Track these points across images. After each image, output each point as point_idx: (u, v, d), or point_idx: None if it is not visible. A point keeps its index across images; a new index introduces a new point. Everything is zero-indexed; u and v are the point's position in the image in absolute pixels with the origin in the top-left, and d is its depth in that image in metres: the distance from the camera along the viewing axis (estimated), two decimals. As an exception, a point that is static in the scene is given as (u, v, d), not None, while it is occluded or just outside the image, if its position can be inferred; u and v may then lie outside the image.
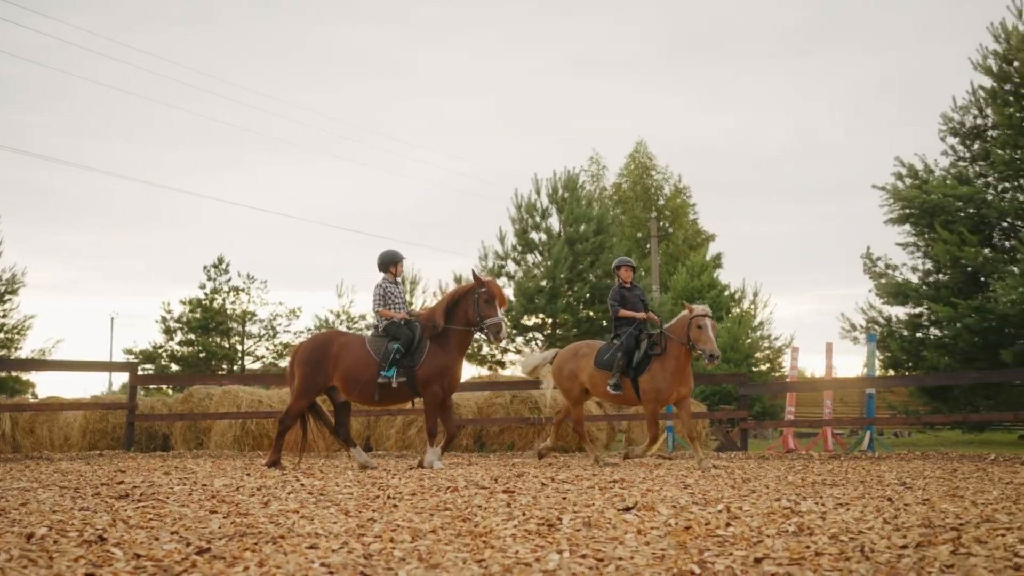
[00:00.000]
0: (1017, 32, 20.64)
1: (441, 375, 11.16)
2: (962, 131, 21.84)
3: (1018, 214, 20.47)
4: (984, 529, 5.17)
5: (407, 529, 5.47)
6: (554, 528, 5.46)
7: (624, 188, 49.30)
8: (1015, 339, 19.58)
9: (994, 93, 21.06)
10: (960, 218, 20.47)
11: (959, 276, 20.60)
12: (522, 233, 29.30)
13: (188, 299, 37.32)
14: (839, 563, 4.28)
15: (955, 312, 19.42)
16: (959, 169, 21.60)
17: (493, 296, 11.20)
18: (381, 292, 11.59)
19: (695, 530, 5.27)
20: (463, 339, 11.39)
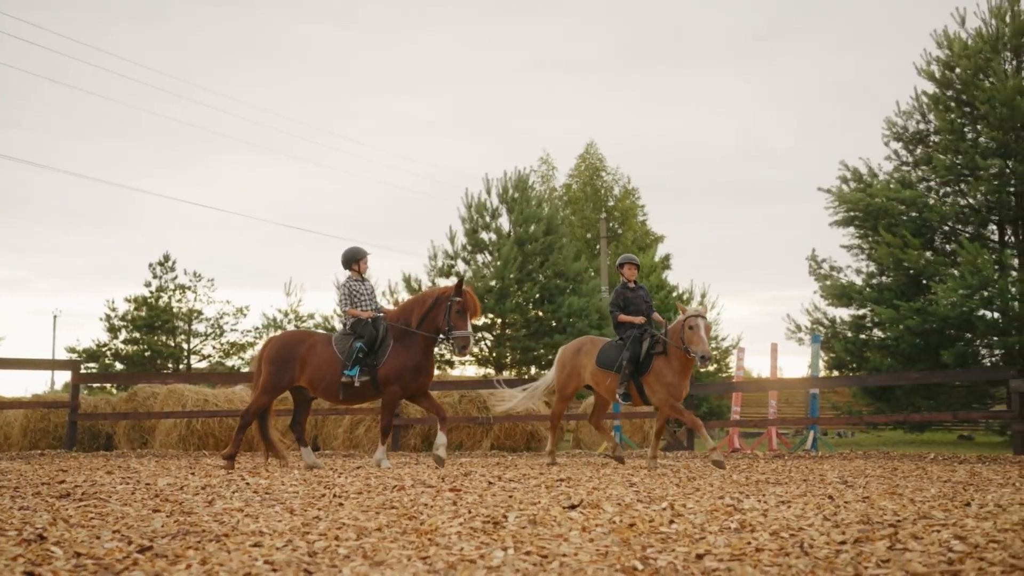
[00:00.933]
0: (959, 39, 21.04)
1: (402, 375, 10.99)
2: (905, 136, 22.23)
3: (959, 218, 20.86)
4: (920, 525, 5.28)
5: (352, 527, 5.47)
6: (499, 525, 5.48)
7: (574, 189, 49.47)
8: (955, 341, 19.96)
9: (936, 99, 21.46)
10: (903, 221, 20.82)
11: (901, 278, 20.95)
12: (472, 233, 29.30)
13: (133, 297, 36.83)
14: (779, 559, 4.35)
15: (897, 314, 19.75)
16: (902, 173, 21.98)
17: (466, 308, 10.97)
18: (347, 291, 11.45)
19: (639, 527, 5.32)
20: (428, 342, 11.16)
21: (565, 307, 28.27)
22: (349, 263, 11.64)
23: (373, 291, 11.73)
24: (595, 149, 50.54)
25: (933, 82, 21.53)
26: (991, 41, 20.66)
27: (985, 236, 21.10)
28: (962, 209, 20.88)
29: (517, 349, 28.43)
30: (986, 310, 19.61)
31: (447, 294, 11.05)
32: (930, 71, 21.50)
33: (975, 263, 18.70)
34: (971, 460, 12.44)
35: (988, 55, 20.52)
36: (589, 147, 50.57)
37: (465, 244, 29.33)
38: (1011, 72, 20.43)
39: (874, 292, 21.27)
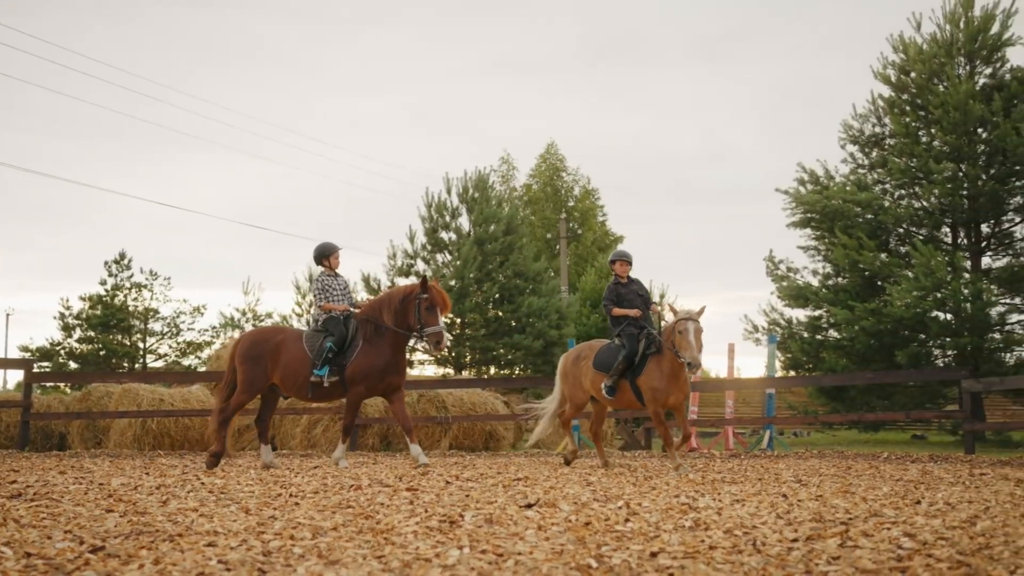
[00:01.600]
0: (915, 44, 21.32)
1: (368, 375, 10.88)
2: (861, 139, 22.48)
3: (913, 220, 21.13)
4: (872, 523, 5.35)
5: (308, 527, 5.45)
6: (456, 525, 5.49)
7: (534, 189, 49.56)
8: (909, 342, 20.22)
9: (892, 103, 21.73)
10: (859, 223, 21.05)
11: (857, 280, 21.18)
12: (432, 232, 29.27)
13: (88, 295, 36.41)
14: (732, 556, 4.39)
15: (852, 315, 19.97)
16: (858, 176, 22.22)
17: (435, 304, 10.85)
18: (320, 286, 11.39)
19: (594, 526, 5.35)
20: (399, 341, 11.05)
21: (525, 307, 28.32)
22: (320, 259, 11.61)
23: (347, 286, 11.70)
24: (556, 149, 50.68)
25: (889, 86, 21.80)
26: (945, 46, 20.95)
27: (938, 238, 21.39)
28: (916, 212, 21.15)
29: (476, 349, 28.44)
30: (939, 311, 19.87)
31: (414, 292, 10.97)
32: (886, 75, 21.77)
33: (929, 265, 18.95)
34: (923, 459, 12.62)
35: (942, 60, 20.81)
36: (550, 147, 50.69)
37: (425, 244, 29.30)
38: (964, 77, 20.72)
39: (830, 293, 21.49)
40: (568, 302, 31.57)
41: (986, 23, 20.68)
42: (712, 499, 6.79)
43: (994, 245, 21.50)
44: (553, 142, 52.60)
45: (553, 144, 50.93)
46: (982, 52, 20.85)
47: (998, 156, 19.96)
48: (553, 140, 59.31)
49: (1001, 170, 19.98)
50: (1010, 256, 21.32)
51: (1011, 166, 19.74)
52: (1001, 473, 9.80)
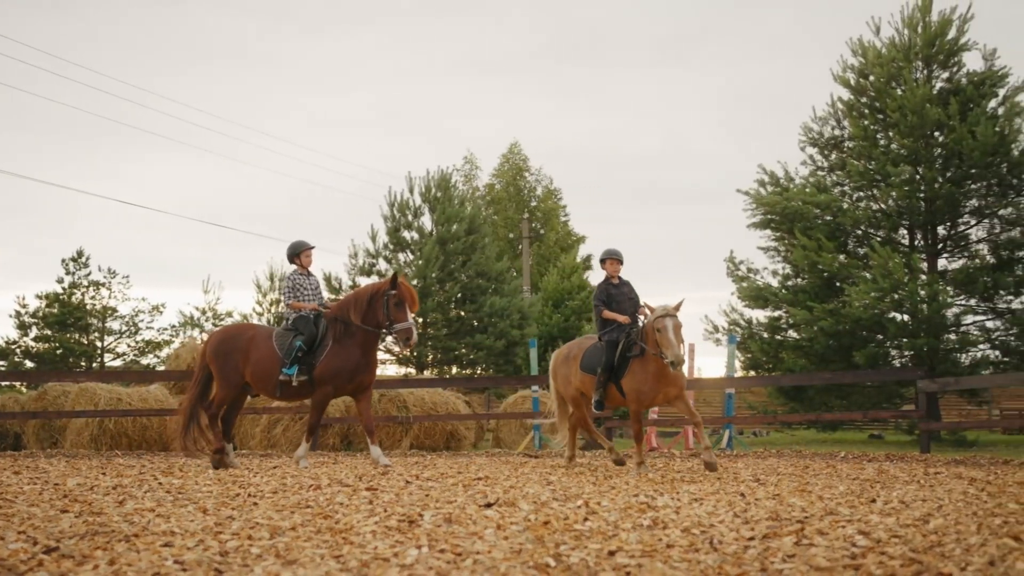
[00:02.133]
0: (873, 48, 21.56)
1: (336, 376, 10.80)
2: (821, 141, 22.70)
3: (871, 222, 21.37)
4: (827, 522, 5.41)
5: (266, 526, 5.42)
6: (415, 524, 5.48)
7: (497, 189, 49.58)
8: (867, 342, 20.44)
9: (851, 106, 21.97)
10: (818, 225, 21.25)
11: (816, 281, 21.39)
12: (394, 232, 29.21)
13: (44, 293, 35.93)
14: (688, 554, 4.42)
15: (811, 315, 20.16)
16: (818, 178, 22.44)
17: (403, 300, 10.73)
18: (290, 284, 11.33)
19: (553, 525, 5.37)
20: (370, 339, 10.94)
21: (487, 307, 28.34)
22: (292, 257, 11.54)
23: (319, 285, 11.63)
24: (519, 149, 50.73)
25: (848, 89, 22.04)
26: (903, 50, 21.20)
27: (896, 240, 21.65)
28: (874, 214, 21.39)
29: (438, 348, 28.42)
30: (896, 312, 20.11)
31: (382, 289, 10.89)
32: (845, 78, 22.00)
33: (886, 266, 19.18)
34: (880, 458, 12.76)
35: (900, 64, 21.06)
36: (513, 147, 50.74)
37: (387, 243, 29.24)
38: (921, 81, 20.98)
39: (789, 294, 21.68)
40: (530, 302, 31.62)
41: (943, 28, 20.95)
42: (671, 498, 6.83)
43: (950, 247, 21.80)
44: (516, 142, 52.68)
45: (516, 144, 51.03)
46: (939, 56, 21.12)
47: (954, 159, 20.23)
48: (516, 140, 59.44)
49: (957, 173, 20.25)
50: (966, 258, 21.62)
51: (967, 169, 20.01)
52: (955, 472, 9.93)
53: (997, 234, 21.13)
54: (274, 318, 32.09)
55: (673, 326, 9.88)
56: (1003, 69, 20.92)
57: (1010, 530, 5.03)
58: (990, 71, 20.95)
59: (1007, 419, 25.95)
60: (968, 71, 21.32)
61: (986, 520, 5.43)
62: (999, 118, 20.11)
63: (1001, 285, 20.21)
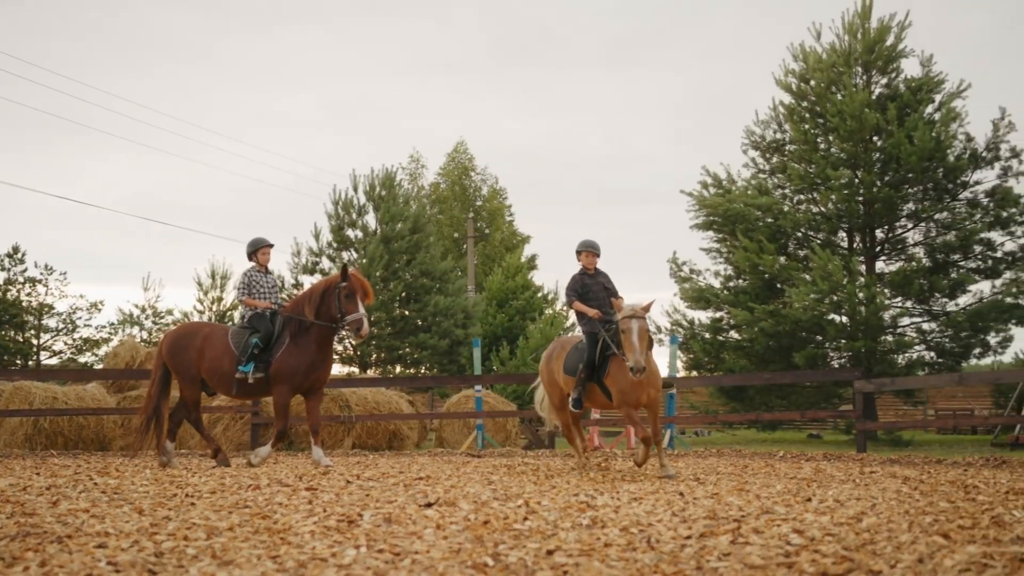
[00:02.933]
0: (815, 53, 21.87)
1: (293, 374, 10.67)
2: (763, 145, 22.99)
3: (811, 225, 21.68)
4: (763, 520, 5.47)
5: (203, 527, 5.37)
6: (354, 524, 5.46)
7: (443, 188, 49.48)
8: (806, 343, 20.74)
9: (792, 110, 22.26)
10: (759, 227, 21.51)
11: (757, 282, 21.65)
12: (338, 230, 29.05)
13: (-22, 290, 35.17)
14: (626, 553, 4.46)
15: (752, 316, 20.40)
16: (759, 180, 22.72)
17: (354, 291, 10.65)
18: (246, 281, 11.25)
19: (493, 524, 5.37)
20: (325, 335, 10.82)
21: (431, 306, 28.28)
22: (251, 254, 11.49)
23: (275, 284, 11.56)
24: (465, 148, 50.68)
25: (790, 93, 22.33)
26: (843, 56, 21.53)
27: (835, 243, 21.99)
28: (814, 216, 21.70)
29: (382, 348, 28.30)
30: (835, 314, 20.43)
31: (334, 283, 10.81)
32: (787, 83, 22.29)
33: (826, 269, 19.46)
34: (817, 458, 12.94)
35: (840, 69, 21.39)
36: (459, 146, 50.67)
37: (331, 241, 29.06)
38: (861, 86, 21.33)
39: (731, 295, 21.92)
40: (474, 301, 31.61)
41: (882, 35, 21.31)
42: (611, 497, 6.87)
43: (888, 250, 22.18)
44: (462, 141, 52.64)
45: (462, 143, 50.96)
46: (878, 63, 21.48)
47: (892, 164, 20.58)
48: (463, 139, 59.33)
49: (895, 177, 20.61)
50: (902, 261, 22.02)
51: (904, 173, 20.37)
52: (890, 471, 10.11)
53: (933, 237, 21.56)
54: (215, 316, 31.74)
55: (638, 329, 9.35)
56: (939, 75, 21.34)
57: (940, 528, 5.14)
58: (927, 77, 21.36)
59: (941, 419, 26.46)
60: (906, 77, 21.73)
61: (917, 518, 5.54)
62: (936, 123, 20.51)
63: (936, 288, 20.62)
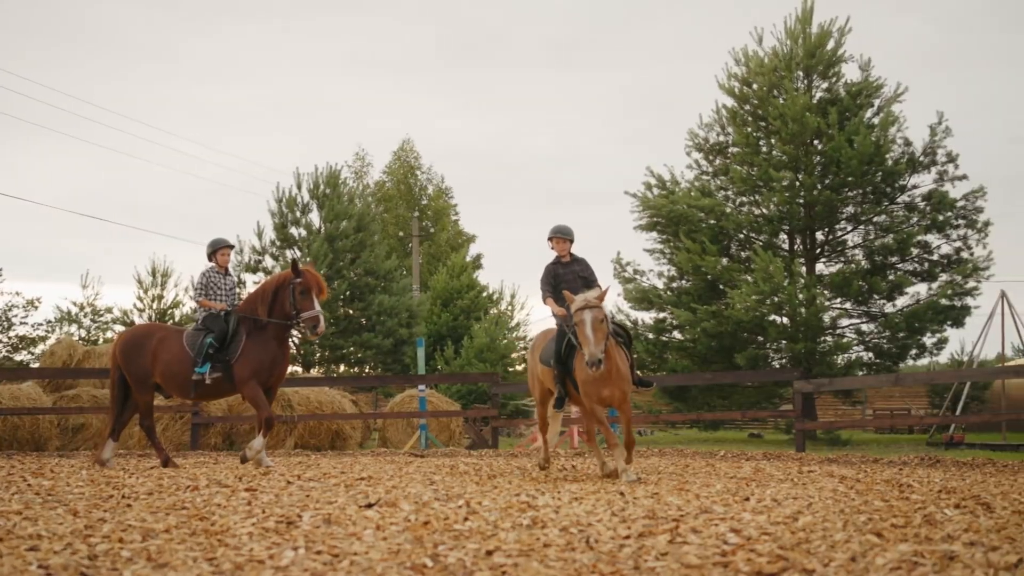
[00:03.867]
0: (756, 57, 22.13)
1: (259, 369, 10.48)
2: (706, 147, 23.21)
3: (753, 227, 21.93)
4: (701, 520, 5.52)
5: (139, 529, 5.29)
6: (293, 525, 5.42)
7: (388, 187, 49.29)
8: (748, 344, 20.97)
9: (735, 113, 22.50)
10: (702, 228, 21.72)
11: (700, 283, 21.86)
12: (281, 228, 28.82)
13: (-90, 287, 34.36)
14: (565, 553, 4.47)
15: (695, 317, 20.59)
16: (703, 182, 22.94)
17: (309, 287, 10.48)
18: (204, 282, 11.09)
19: (433, 525, 5.36)
20: (282, 332, 10.66)
21: (375, 305, 28.17)
22: (210, 255, 11.35)
23: (234, 286, 11.40)
24: (411, 147, 50.53)
25: (732, 97, 22.57)
26: (785, 60, 21.82)
27: (776, 245, 22.27)
28: (756, 218, 21.97)
29: (326, 347, 28.14)
30: (776, 315, 20.69)
31: (287, 279, 10.63)
32: (729, 86, 22.53)
33: (767, 270, 19.71)
34: (757, 457, 13.09)
35: (782, 73, 21.67)
36: (404, 144, 50.51)
37: (274, 239, 28.83)
38: (802, 90, 21.62)
39: (673, 296, 22.11)
40: (419, 301, 31.54)
41: (822, 40, 21.63)
42: (552, 497, 6.89)
43: (828, 252, 22.51)
44: (408, 139, 52.43)
45: (408, 141, 50.81)
46: (819, 67, 21.80)
47: (832, 167, 20.90)
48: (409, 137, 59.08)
49: (835, 180, 20.93)
50: (842, 263, 22.37)
51: (844, 177, 20.70)
52: (827, 470, 10.25)
53: (871, 240, 21.92)
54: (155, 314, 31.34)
55: (592, 320, 8.66)
56: (878, 80, 21.71)
57: (874, 527, 5.22)
58: (866, 82, 21.72)
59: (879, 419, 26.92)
60: (846, 81, 22.07)
61: (852, 517, 5.63)
62: (875, 127, 20.86)
63: (875, 289, 20.98)
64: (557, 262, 9.85)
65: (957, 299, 20.95)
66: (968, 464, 11.12)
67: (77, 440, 16.92)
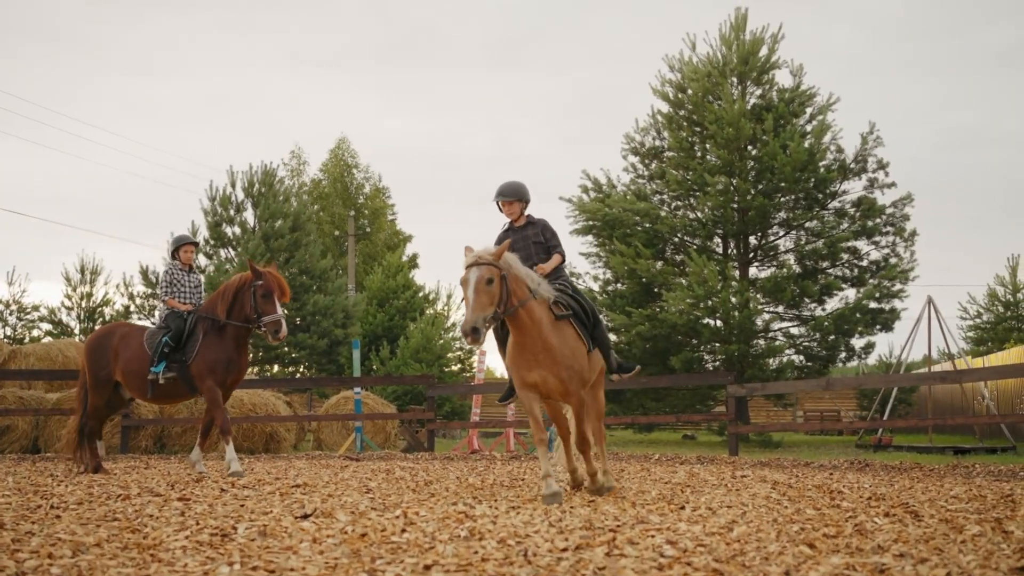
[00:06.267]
0: (690, 63, 22.36)
1: (215, 369, 10.28)
2: (642, 151, 23.39)
3: (687, 230, 22.15)
4: (638, 530, 5.56)
5: (69, 543, 5.19)
6: (228, 538, 5.35)
7: (324, 185, 48.89)
8: (682, 347, 21.18)
9: (670, 118, 22.72)
10: (637, 232, 21.88)
11: (635, 287, 22.02)
12: (215, 227, 28.45)
13: None
14: (503, 568, 4.48)
15: (630, 320, 20.73)
16: (638, 186, 23.12)
17: (271, 290, 10.25)
18: (167, 280, 10.95)
19: (370, 537, 5.34)
20: (241, 334, 10.47)
21: (310, 305, 27.95)
22: (173, 252, 11.26)
23: (200, 284, 11.24)
24: (347, 145, 50.17)
25: (667, 102, 22.78)
26: (719, 66, 22.07)
27: (711, 248, 22.52)
28: (691, 222, 22.19)
29: (260, 347, 27.84)
30: (710, 319, 20.93)
31: (247, 281, 10.42)
32: (664, 92, 22.73)
33: (701, 274, 19.91)
34: (691, 461, 13.23)
35: (717, 79, 21.91)
36: (341, 143, 50.13)
37: (208, 238, 28.45)
38: (737, 96, 21.88)
39: (609, 299, 22.25)
40: (354, 301, 31.35)
41: (755, 47, 21.93)
42: (489, 506, 6.89)
43: (760, 256, 22.81)
44: (344, 138, 52.04)
45: (344, 140, 50.44)
46: (752, 74, 22.08)
47: (766, 173, 21.18)
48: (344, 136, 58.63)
49: (768, 186, 21.21)
50: (774, 267, 22.69)
51: (777, 182, 20.99)
52: (760, 475, 10.39)
53: (803, 245, 22.25)
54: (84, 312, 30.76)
55: (476, 280, 6.93)
56: (811, 89, 22.07)
57: (806, 536, 5.30)
58: (799, 89, 22.05)
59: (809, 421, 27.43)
60: (779, 88, 22.39)
61: (785, 527, 5.71)
62: (808, 135, 21.20)
63: (806, 293, 21.30)
64: (509, 228, 8.47)
65: (885, 301, 21.36)
66: (896, 468, 11.33)
67: (3, 443, 16.54)
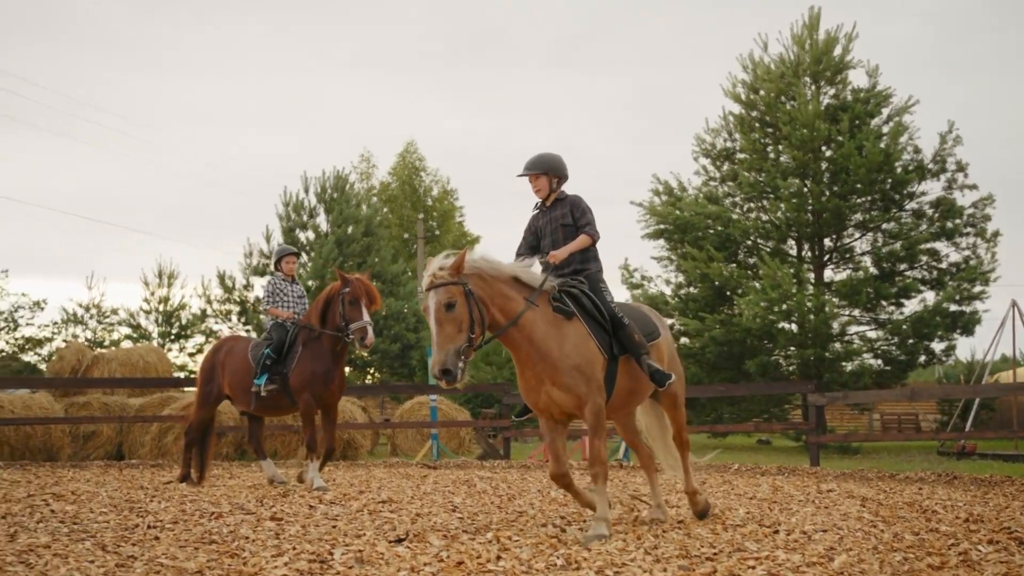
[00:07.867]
0: (763, 64, 22.10)
1: (312, 382, 10.35)
2: (713, 153, 23.19)
3: (760, 233, 21.92)
4: (735, 559, 5.50)
5: (171, 569, 5.27)
6: (326, 565, 5.40)
7: (393, 188, 49.22)
8: (757, 351, 20.96)
9: (742, 119, 22.48)
10: (709, 235, 21.70)
11: (707, 290, 21.84)
12: (289, 231, 28.83)
13: (-85, 288, 34.36)
14: (607, 605, 4.46)
15: (703, 325, 20.57)
16: (710, 188, 22.93)
17: (357, 297, 10.23)
18: (271, 289, 11.10)
19: (467, 565, 5.35)
20: (336, 343, 10.45)
21: (382, 309, 28.17)
22: (276, 263, 11.42)
23: (303, 294, 11.35)
24: (415, 148, 50.43)
25: (739, 103, 22.54)
26: (792, 66, 21.79)
27: (784, 251, 22.25)
28: (764, 225, 21.94)
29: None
30: (785, 322, 20.68)
31: (336, 289, 10.48)
32: (735, 93, 22.50)
33: (775, 277, 19.69)
34: (772, 472, 13.05)
35: (790, 79, 21.64)
36: (409, 146, 50.41)
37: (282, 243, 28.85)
38: (811, 96, 21.59)
39: (681, 303, 22.10)
40: (422, 301, 31.54)
41: (829, 46, 21.61)
42: (578, 529, 6.86)
43: (836, 259, 22.49)
44: (412, 140, 52.32)
45: (412, 143, 50.71)
46: (826, 73, 21.76)
47: (841, 174, 20.87)
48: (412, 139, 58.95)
49: (843, 188, 20.91)
50: (850, 270, 22.35)
51: (853, 184, 20.67)
52: (846, 489, 10.23)
53: (879, 247, 21.89)
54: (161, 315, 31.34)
55: (435, 306, 6.35)
56: (887, 89, 21.68)
57: (911, 568, 5.21)
58: (874, 90, 21.69)
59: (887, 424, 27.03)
60: (854, 88, 22.04)
61: (887, 556, 5.61)
62: (885, 136, 20.84)
63: (883, 296, 20.96)
64: (539, 208, 7.45)
65: (965, 304, 20.94)
66: (986, 482, 11.08)
67: (88, 448, 16.92)
